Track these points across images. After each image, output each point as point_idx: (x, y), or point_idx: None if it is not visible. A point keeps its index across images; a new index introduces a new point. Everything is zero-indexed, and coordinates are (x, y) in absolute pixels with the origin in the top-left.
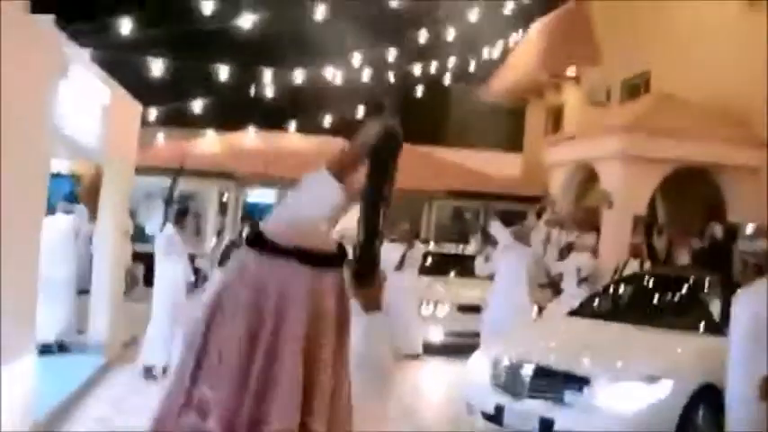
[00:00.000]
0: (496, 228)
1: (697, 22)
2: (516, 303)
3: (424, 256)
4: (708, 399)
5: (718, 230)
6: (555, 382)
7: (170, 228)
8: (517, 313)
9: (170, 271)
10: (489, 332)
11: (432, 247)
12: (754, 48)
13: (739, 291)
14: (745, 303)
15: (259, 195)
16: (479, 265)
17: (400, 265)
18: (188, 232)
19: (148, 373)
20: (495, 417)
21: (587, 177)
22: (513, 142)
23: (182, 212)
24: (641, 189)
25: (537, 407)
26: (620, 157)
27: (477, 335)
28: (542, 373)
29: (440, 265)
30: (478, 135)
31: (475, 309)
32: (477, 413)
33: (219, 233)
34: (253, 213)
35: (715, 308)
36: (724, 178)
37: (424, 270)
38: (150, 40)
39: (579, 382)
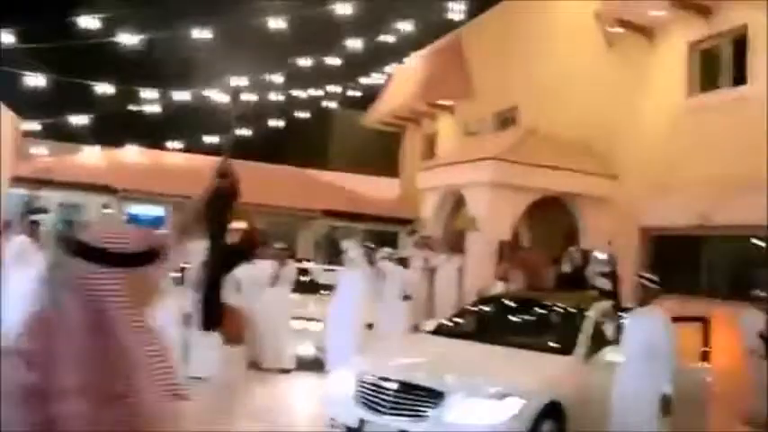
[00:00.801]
0: (350, 246)
1: (560, 62)
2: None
3: (300, 275)
4: (553, 415)
5: (577, 256)
6: (415, 398)
7: (22, 237)
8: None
9: (21, 280)
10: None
11: (308, 265)
12: (611, 87)
13: (630, 314)
14: (638, 327)
15: (141, 209)
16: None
17: (273, 282)
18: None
19: None
20: (357, 431)
21: (458, 202)
22: (392, 168)
23: (35, 222)
24: (507, 215)
25: (397, 421)
26: (487, 184)
27: None
28: (404, 388)
29: (314, 284)
30: (359, 159)
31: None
32: (339, 428)
33: None
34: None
35: (568, 329)
36: (578, 207)
37: (299, 288)
38: (35, 55)
39: (437, 397)
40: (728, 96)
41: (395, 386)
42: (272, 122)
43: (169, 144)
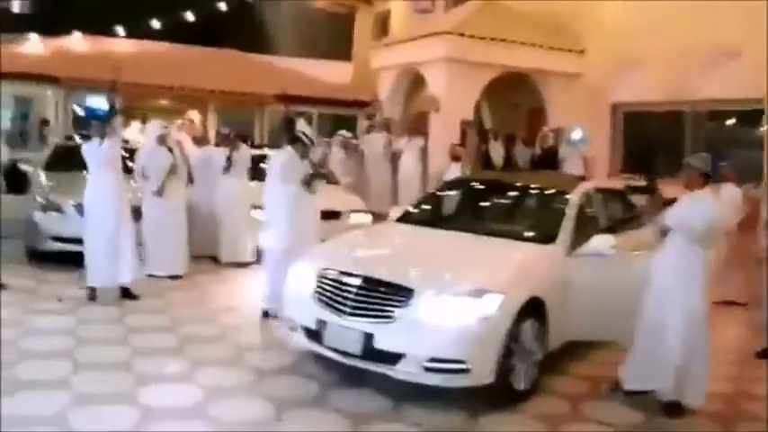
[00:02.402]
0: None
1: None
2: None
3: (256, 161)
4: (534, 313)
5: (550, 137)
6: (381, 296)
7: None
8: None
9: None
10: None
11: (266, 151)
12: None
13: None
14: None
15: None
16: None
17: (227, 169)
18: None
19: None
20: (316, 333)
21: (416, 82)
22: (343, 51)
23: None
24: (467, 93)
25: (359, 322)
26: (444, 60)
27: None
28: (368, 284)
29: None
30: (310, 43)
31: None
32: (297, 329)
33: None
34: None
35: (548, 215)
36: (544, 84)
37: (259, 176)
38: None
39: (406, 294)
40: None
41: (357, 282)
42: (216, 4)
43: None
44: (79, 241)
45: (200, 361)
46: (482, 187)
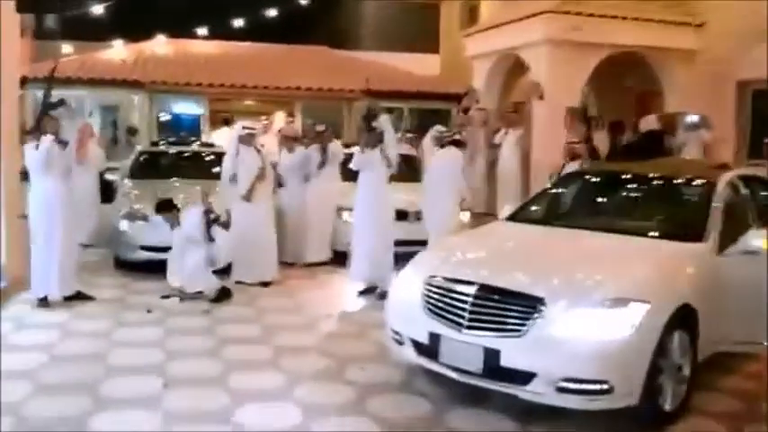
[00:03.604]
0: (384, 121)
1: None
2: (442, 209)
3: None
4: (684, 324)
5: (653, 122)
6: (503, 306)
7: (47, 140)
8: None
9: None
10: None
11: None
12: None
13: None
14: None
15: (183, 107)
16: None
17: (322, 164)
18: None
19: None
20: (430, 348)
21: (514, 69)
22: (429, 43)
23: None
24: (573, 78)
25: (480, 336)
26: (546, 42)
27: (405, 243)
28: (487, 293)
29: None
30: (393, 37)
31: (403, 215)
32: (405, 342)
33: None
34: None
35: (690, 209)
36: (659, 63)
37: (346, 176)
38: None
39: (532, 305)
40: None
41: (473, 291)
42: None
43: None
44: (165, 249)
45: (297, 375)
46: (606, 179)
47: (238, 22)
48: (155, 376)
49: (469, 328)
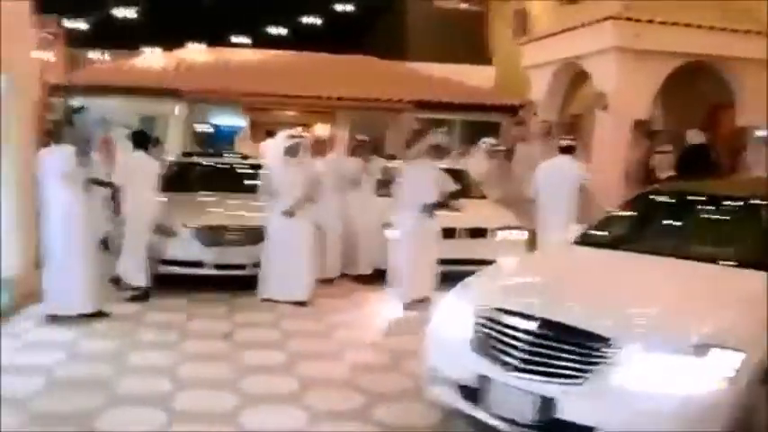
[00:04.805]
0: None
1: None
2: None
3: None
4: None
5: (696, 136)
6: (565, 346)
7: (68, 150)
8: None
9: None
10: None
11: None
12: None
13: None
14: None
15: (223, 119)
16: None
17: (357, 182)
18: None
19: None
20: (474, 392)
21: (575, 79)
22: (479, 53)
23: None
24: (641, 88)
25: (534, 382)
26: (612, 50)
27: (454, 262)
28: (547, 331)
29: None
30: (441, 47)
31: (451, 232)
32: (445, 384)
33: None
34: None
35: None
36: (733, 73)
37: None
38: None
39: (600, 346)
40: None
41: (532, 327)
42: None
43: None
44: (193, 264)
45: (318, 413)
46: (683, 200)
47: (281, 31)
48: (159, 409)
49: (522, 370)
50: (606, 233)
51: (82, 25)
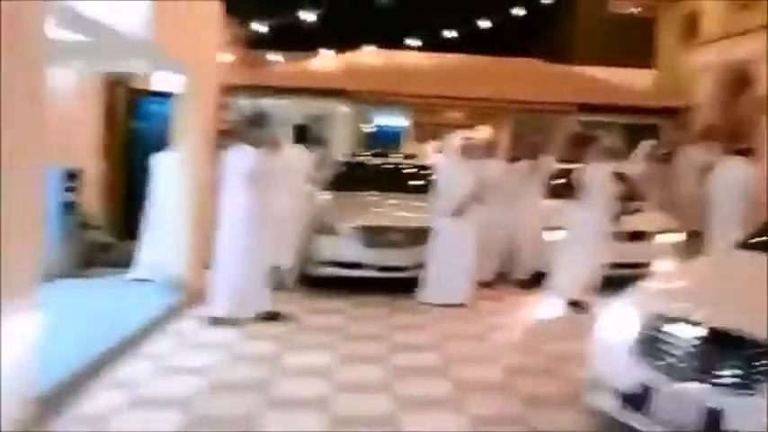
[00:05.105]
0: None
1: None
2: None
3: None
4: None
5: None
6: (735, 356)
7: (251, 150)
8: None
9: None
10: None
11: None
12: None
13: None
14: None
15: (387, 120)
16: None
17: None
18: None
19: (216, 322)
20: (638, 401)
21: (740, 83)
22: (642, 57)
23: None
24: None
25: (700, 391)
26: None
27: (623, 266)
28: (715, 339)
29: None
30: (606, 50)
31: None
32: (607, 392)
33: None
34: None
35: None
36: None
37: (552, 193)
38: None
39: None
40: None
41: (699, 334)
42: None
43: (407, 42)
44: (353, 266)
45: (477, 417)
46: None
47: (451, 34)
48: (318, 412)
49: (687, 379)
50: None
51: (262, 28)
